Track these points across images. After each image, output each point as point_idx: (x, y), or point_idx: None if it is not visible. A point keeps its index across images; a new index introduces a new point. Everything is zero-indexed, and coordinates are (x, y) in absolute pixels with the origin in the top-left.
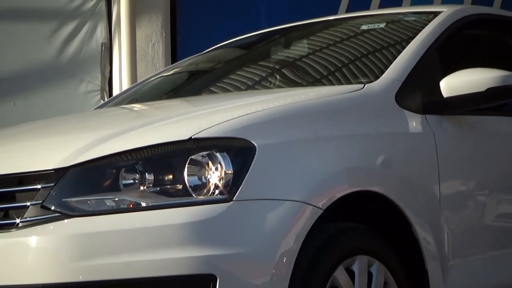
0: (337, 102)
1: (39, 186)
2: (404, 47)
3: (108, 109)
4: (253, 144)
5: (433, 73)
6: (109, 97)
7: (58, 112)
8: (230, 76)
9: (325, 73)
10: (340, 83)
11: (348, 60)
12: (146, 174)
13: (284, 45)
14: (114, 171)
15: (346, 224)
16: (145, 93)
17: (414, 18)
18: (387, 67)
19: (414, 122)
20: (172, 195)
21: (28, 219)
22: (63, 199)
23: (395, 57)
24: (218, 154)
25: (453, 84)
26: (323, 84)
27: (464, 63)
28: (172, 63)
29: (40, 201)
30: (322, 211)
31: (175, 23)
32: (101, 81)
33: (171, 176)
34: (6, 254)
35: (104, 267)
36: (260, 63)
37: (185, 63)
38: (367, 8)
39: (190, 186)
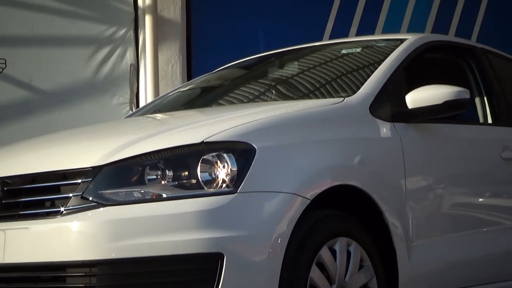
0: (322, 113)
1: (79, 181)
2: (376, 68)
3: (136, 118)
4: (254, 147)
5: (400, 89)
6: (136, 108)
7: (95, 120)
8: (235, 91)
9: (312, 89)
10: (324, 97)
11: (331, 78)
12: (167, 171)
13: (279, 66)
14: (140, 168)
15: (329, 212)
16: (165, 105)
17: (384, 44)
18: (362, 84)
19: (385, 129)
20: (188, 188)
21: (70, 207)
22: (99, 191)
23: (369, 76)
24: (225, 155)
25: (416, 97)
26: (311, 98)
27: (425, 81)
28: (187, 81)
29: (80, 193)
30: (309, 201)
31: (190, 48)
32: (130, 95)
33: (186, 173)
34: (52, 236)
35: (132, 247)
36: (259, 80)
37: (198, 81)
38: (346, 35)
39: (202, 181)
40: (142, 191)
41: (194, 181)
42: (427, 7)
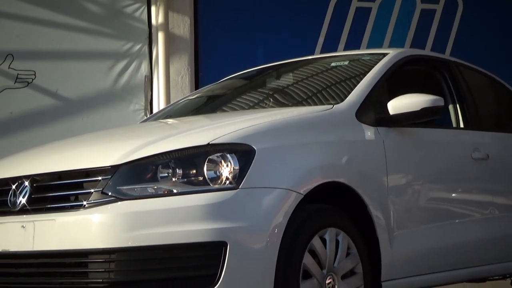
0: (314, 118)
1: (100, 178)
2: (362, 78)
3: (150, 122)
4: (253, 148)
5: (382, 97)
6: (150, 114)
7: (114, 124)
8: (237, 99)
9: (305, 97)
10: (316, 104)
11: (322, 87)
12: (177, 169)
13: (276, 77)
14: (153, 167)
15: (320, 205)
16: (176, 111)
17: (369, 58)
18: (349, 92)
19: (369, 132)
20: (195, 184)
21: (92, 201)
22: (117, 187)
23: (355, 86)
24: (228, 155)
25: (397, 105)
26: (304, 105)
27: (404, 90)
28: (195, 90)
29: (101, 189)
30: (302, 196)
31: (197, 61)
32: (145, 103)
33: (194, 171)
34: (76, 227)
35: (147, 236)
36: (258, 89)
37: (205, 90)
38: (335, 50)
39: (208, 178)
40: (155, 187)
41: (201, 178)
42: (407, 24)
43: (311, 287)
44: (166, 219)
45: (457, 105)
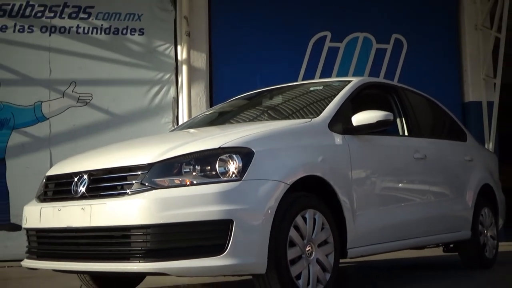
0: (297, 128)
1: (139, 173)
2: (333, 99)
3: (176, 132)
4: (253, 150)
5: (348, 113)
6: (177, 125)
7: (149, 133)
8: (240, 114)
9: (291, 113)
10: (299, 118)
11: (303, 105)
12: (196, 166)
13: (269, 97)
14: (179, 164)
15: (302, 193)
16: (196, 123)
17: (337, 84)
18: (323, 109)
19: (338, 139)
20: (210, 177)
21: (133, 190)
22: (152, 179)
23: (328, 104)
24: (234, 155)
25: (359, 118)
26: (290, 118)
27: (364, 107)
28: (210, 107)
29: (140, 181)
30: (289, 186)
31: (212, 86)
32: (172, 117)
33: (209, 167)
34: (122, 209)
35: (174, 215)
36: (256, 107)
37: (217, 107)
38: (313, 78)
39: (219, 173)
40: (180, 179)
41: (214, 172)
42: (366, 59)
43: (295, 253)
44: (188, 202)
45: (403, 119)
